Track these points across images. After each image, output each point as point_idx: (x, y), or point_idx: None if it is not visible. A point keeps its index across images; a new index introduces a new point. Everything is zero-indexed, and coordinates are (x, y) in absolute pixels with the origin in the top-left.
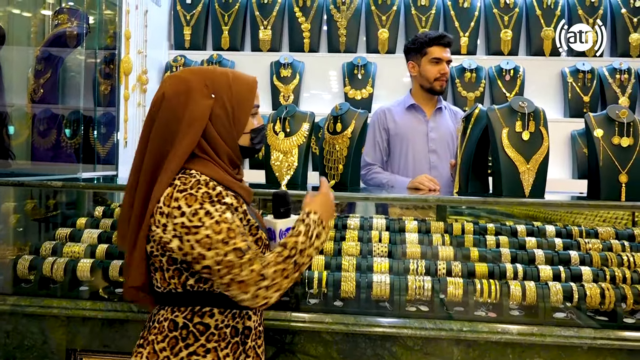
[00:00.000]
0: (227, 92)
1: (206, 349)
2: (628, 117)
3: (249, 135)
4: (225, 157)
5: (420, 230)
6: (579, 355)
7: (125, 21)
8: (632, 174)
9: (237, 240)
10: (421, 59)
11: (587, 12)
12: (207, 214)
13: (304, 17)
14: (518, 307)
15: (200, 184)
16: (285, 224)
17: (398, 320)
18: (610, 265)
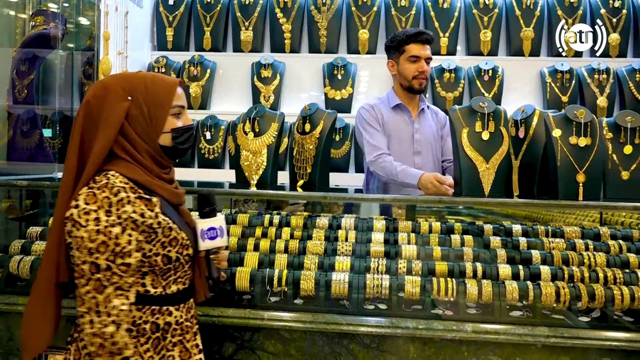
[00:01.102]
0: (143, 93)
1: None
2: (586, 117)
3: (170, 134)
4: (147, 156)
5: (387, 230)
6: (532, 353)
7: (104, 22)
8: (589, 174)
9: (102, 257)
10: (399, 57)
11: (566, 12)
12: (95, 220)
13: (285, 18)
14: (475, 305)
15: (107, 187)
16: (207, 224)
17: (355, 318)
18: (570, 264)
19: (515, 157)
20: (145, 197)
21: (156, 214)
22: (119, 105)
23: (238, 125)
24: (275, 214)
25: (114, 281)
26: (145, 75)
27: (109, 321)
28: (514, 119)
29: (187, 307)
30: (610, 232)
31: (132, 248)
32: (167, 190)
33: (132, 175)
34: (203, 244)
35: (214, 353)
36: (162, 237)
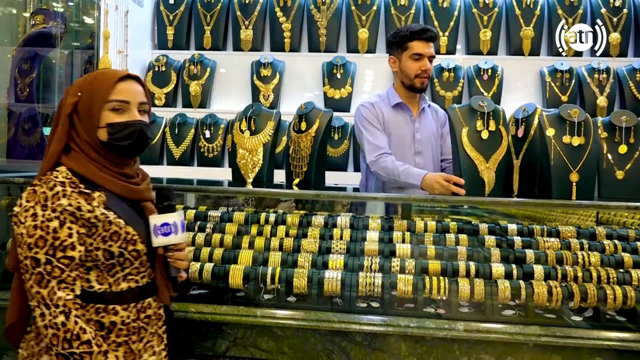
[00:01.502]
0: (88, 88)
1: None
2: (579, 116)
3: (106, 129)
4: (92, 151)
5: (383, 229)
6: (524, 352)
7: (104, 21)
8: (583, 173)
9: (41, 251)
10: (402, 53)
11: (566, 11)
12: (33, 215)
13: (284, 17)
14: (468, 304)
15: (46, 182)
16: (160, 220)
17: (347, 316)
18: (564, 263)
19: (516, 156)
20: (84, 192)
21: (94, 208)
22: (69, 102)
23: (235, 124)
24: (272, 212)
25: (55, 275)
26: (98, 72)
27: (58, 312)
28: (515, 117)
29: (141, 308)
30: (607, 231)
31: (73, 241)
32: (119, 185)
33: (80, 169)
34: (156, 240)
35: (207, 350)
36: (102, 231)
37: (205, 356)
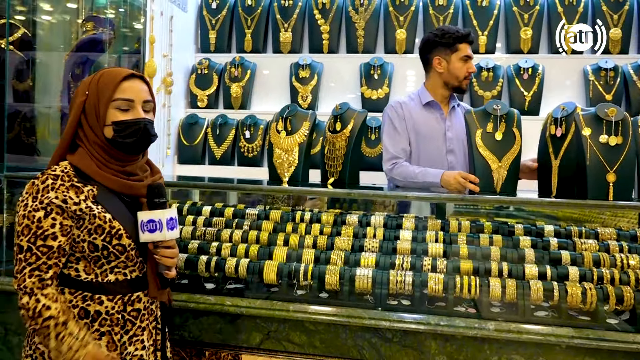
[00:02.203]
0: (94, 87)
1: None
2: (617, 115)
3: (112, 127)
4: (97, 147)
5: (416, 228)
6: (556, 353)
7: (149, 26)
8: (620, 173)
9: (25, 239)
10: (451, 55)
11: (610, 8)
12: (25, 206)
13: (323, 19)
14: (500, 304)
15: (43, 176)
16: (147, 216)
17: (378, 313)
18: (602, 265)
19: (555, 156)
20: (76, 185)
21: (80, 201)
22: (78, 100)
23: (271, 124)
24: (307, 211)
25: (30, 262)
26: (104, 71)
27: (22, 294)
28: (553, 117)
29: (128, 301)
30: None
31: (55, 231)
32: (115, 182)
33: (80, 164)
34: (142, 236)
35: (241, 342)
36: (88, 224)
37: (239, 348)
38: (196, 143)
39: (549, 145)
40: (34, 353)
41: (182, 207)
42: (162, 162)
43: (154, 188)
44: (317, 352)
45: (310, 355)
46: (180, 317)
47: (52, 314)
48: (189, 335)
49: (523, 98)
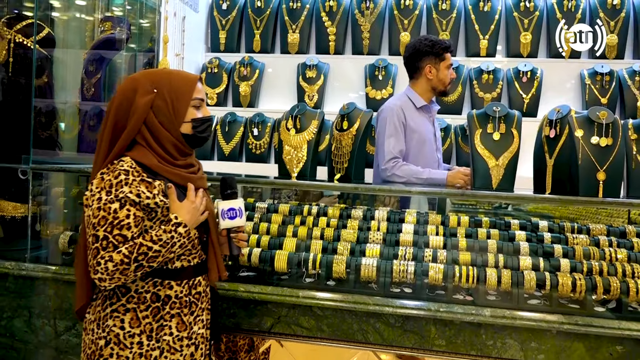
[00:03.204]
0: (167, 87)
1: (126, 308)
2: (607, 118)
3: (191, 124)
4: (169, 144)
5: (418, 222)
6: (548, 338)
7: (163, 27)
8: (609, 172)
9: (101, 229)
10: (439, 63)
11: (608, 14)
12: (98, 199)
13: (330, 21)
14: (495, 292)
15: (114, 172)
16: (227, 205)
17: (382, 300)
18: (591, 258)
19: (549, 156)
20: (146, 180)
21: (154, 195)
22: (146, 97)
23: (282, 122)
24: (314, 205)
25: (109, 250)
26: (169, 70)
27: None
28: (549, 118)
29: (192, 285)
30: (637, 230)
31: (130, 222)
32: (177, 175)
33: (143, 159)
34: (223, 222)
35: (253, 326)
36: (160, 216)
37: (252, 331)
38: None
39: (544, 146)
40: (108, 335)
41: None
42: None
43: (227, 180)
44: (324, 335)
45: (318, 339)
46: None
47: (135, 242)
48: None
49: (522, 100)
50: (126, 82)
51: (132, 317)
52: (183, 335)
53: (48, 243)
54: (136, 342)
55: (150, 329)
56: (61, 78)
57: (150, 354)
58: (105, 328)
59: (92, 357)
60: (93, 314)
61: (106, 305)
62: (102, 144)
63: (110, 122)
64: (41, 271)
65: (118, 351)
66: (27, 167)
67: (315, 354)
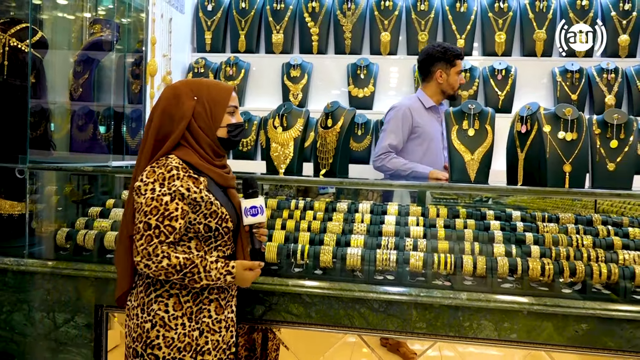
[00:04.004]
0: (206, 94)
1: (169, 294)
2: (573, 114)
3: (226, 129)
4: (207, 146)
5: (400, 214)
6: (519, 318)
7: (151, 28)
8: (575, 165)
9: (153, 218)
10: (450, 69)
11: (577, 15)
12: (152, 190)
13: (313, 22)
14: (472, 278)
15: (164, 166)
16: (250, 203)
17: (366, 286)
18: (560, 245)
19: (521, 150)
20: (193, 176)
21: (200, 190)
22: (188, 104)
23: (269, 121)
24: (301, 199)
25: (161, 239)
26: (207, 80)
27: (160, 258)
28: (520, 115)
29: None
30: (602, 218)
31: (178, 214)
32: (216, 173)
33: (187, 158)
34: (246, 219)
35: (246, 313)
36: (205, 209)
37: (245, 319)
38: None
39: (515, 141)
40: (154, 318)
41: None
42: None
43: (249, 180)
44: (313, 321)
45: (307, 325)
46: None
47: (193, 259)
48: None
49: (497, 97)
50: (168, 90)
51: (175, 302)
52: (221, 317)
53: (43, 240)
54: (180, 323)
55: (190, 312)
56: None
57: (192, 334)
58: (151, 312)
59: (139, 340)
60: (136, 300)
61: (150, 292)
62: (145, 145)
63: (154, 125)
64: (40, 266)
65: (164, 332)
66: (24, 166)
67: (305, 340)
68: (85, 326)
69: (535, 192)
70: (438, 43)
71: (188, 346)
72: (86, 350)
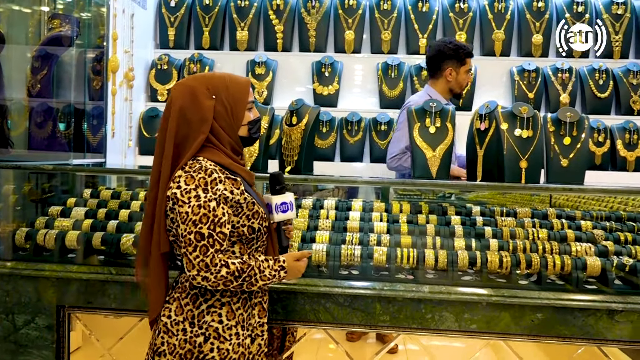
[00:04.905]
0: (225, 93)
1: (221, 303)
2: (528, 112)
3: (247, 126)
4: (228, 146)
5: (364, 210)
6: (479, 309)
7: (112, 23)
8: (530, 161)
9: (204, 227)
10: (460, 67)
11: (534, 16)
12: (196, 197)
13: (277, 19)
14: (433, 271)
15: (201, 169)
16: (280, 199)
17: (331, 281)
18: (517, 238)
19: (480, 146)
20: (232, 177)
21: (241, 192)
22: (207, 104)
23: None
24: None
25: (216, 247)
26: (222, 75)
27: (219, 268)
28: (479, 113)
29: None
30: (557, 212)
31: (226, 219)
32: (245, 172)
33: (217, 159)
34: (277, 216)
35: None
36: (247, 210)
37: None
38: (157, 135)
39: (475, 138)
40: (207, 331)
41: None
42: (124, 154)
43: (276, 176)
44: (279, 317)
45: (273, 320)
46: None
47: (247, 262)
48: None
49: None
50: (181, 89)
51: (227, 310)
52: (264, 320)
53: (1, 240)
54: (234, 333)
55: (242, 318)
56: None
57: (245, 342)
58: (203, 325)
59: (189, 356)
60: (181, 314)
61: (199, 303)
62: (165, 148)
63: (171, 128)
64: None
65: (218, 345)
66: None
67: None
68: (46, 328)
69: (493, 188)
70: (449, 39)
71: (242, 356)
72: (47, 352)
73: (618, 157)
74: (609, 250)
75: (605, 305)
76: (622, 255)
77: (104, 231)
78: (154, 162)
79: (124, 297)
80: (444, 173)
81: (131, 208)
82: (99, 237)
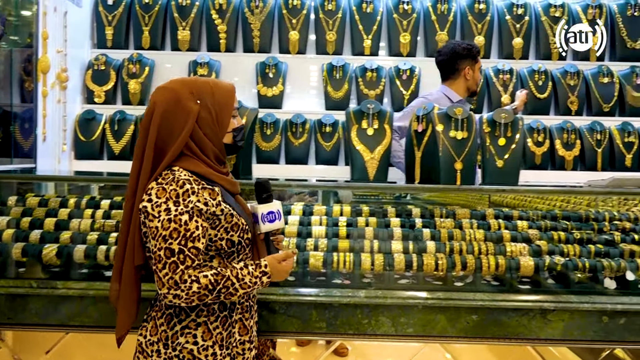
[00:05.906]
0: (210, 98)
1: (197, 323)
2: (463, 114)
3: (232, 134)
4: (212, 154)
5: (304, 213)
6: (415, 313)
7: (42, 22)
8: (465, 162)
9: (175, 242)
10: (475, 65)
11: (475, 18)
12: (166, 210)
13: (220, 19)
14: (370, 275)
15: (173, 181)
16: (266, 208)
17: (266, 288)
18: (454, 239)
19: (417, 148)
20: (208, 187)
21: (218, 202)
22: (191, 109)
23: None
24: None
25: (187, 264)
26: (207, 80)
27: (188, 284)
28: (417, 114)
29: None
30: (495, 212)
31: (199, 233)
32: (226, 181)
33: (195, 168)
34: (264, 226)
35: None
36: (225, 223)
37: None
38: (94, 139)
39: (413, 139)
40: (181, 353)
41: (80, 201)
42: (58, 158)
43: (263, 184)
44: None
45: None
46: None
47: (222, 272)
48: None
49: (402, 96)
50: (162, 92)
51: (204, 331)
52: (245, 339)
53: None
54: (210, 353)
55: (221, 338)
56: None
57: None
58: (177, 347)
59: None
60: (154, 335)
61: (173, 324)
62: (144, 158)
63: (152, 134)
64: None
65: None
66: None
67: None
68: None
69: (429, 190)
70: (459, 41)
71: None
72: None
73: (557, 156)
74: (542, 249)
75: (538, 305)
76: (554, 255)
77: (26, 242)
78: (132, 172)
79: (46, 312)
80: (382, 175)
81: (58, 216)
82: (20, 248)
